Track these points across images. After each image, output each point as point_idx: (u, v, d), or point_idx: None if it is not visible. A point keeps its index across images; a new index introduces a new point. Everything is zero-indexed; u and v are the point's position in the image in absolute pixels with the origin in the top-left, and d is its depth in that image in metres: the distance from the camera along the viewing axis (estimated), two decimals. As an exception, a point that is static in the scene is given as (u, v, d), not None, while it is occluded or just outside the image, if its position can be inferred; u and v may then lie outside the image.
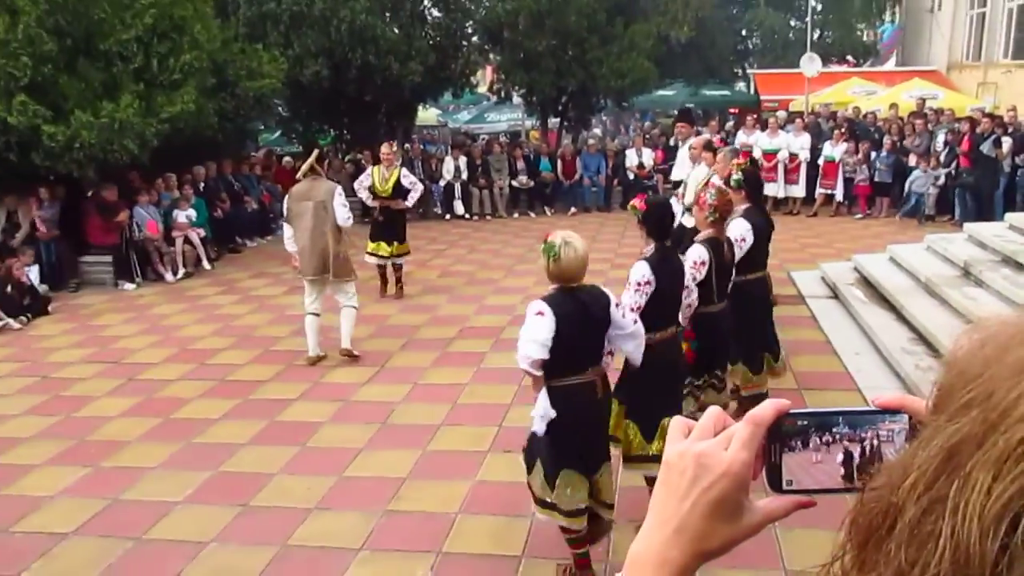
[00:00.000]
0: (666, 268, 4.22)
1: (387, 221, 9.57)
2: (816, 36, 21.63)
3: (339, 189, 7.49)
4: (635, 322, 3.87)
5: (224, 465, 5.49)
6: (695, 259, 4.72)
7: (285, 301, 9.91)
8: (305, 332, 7.55)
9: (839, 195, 14.69)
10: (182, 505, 4.99)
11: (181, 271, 11.63)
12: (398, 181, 9.49)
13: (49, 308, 9.94)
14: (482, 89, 24.90)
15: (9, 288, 9.60)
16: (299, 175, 7.57)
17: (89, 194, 11.31)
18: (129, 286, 11.06)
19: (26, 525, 4.85)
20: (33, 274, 10.34)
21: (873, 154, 14.33)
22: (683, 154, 8.54)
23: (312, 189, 7.34)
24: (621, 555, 4.09)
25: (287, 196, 7.60)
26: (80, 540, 4.65)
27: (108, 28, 10.36)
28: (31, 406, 6.79)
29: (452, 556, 4.28)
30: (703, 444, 0.74)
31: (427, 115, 25.22)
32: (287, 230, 7.52)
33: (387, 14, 15.76)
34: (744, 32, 27.43)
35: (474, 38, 17.57)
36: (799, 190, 14.96)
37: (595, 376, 3.76)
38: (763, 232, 5.60)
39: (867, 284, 8.85)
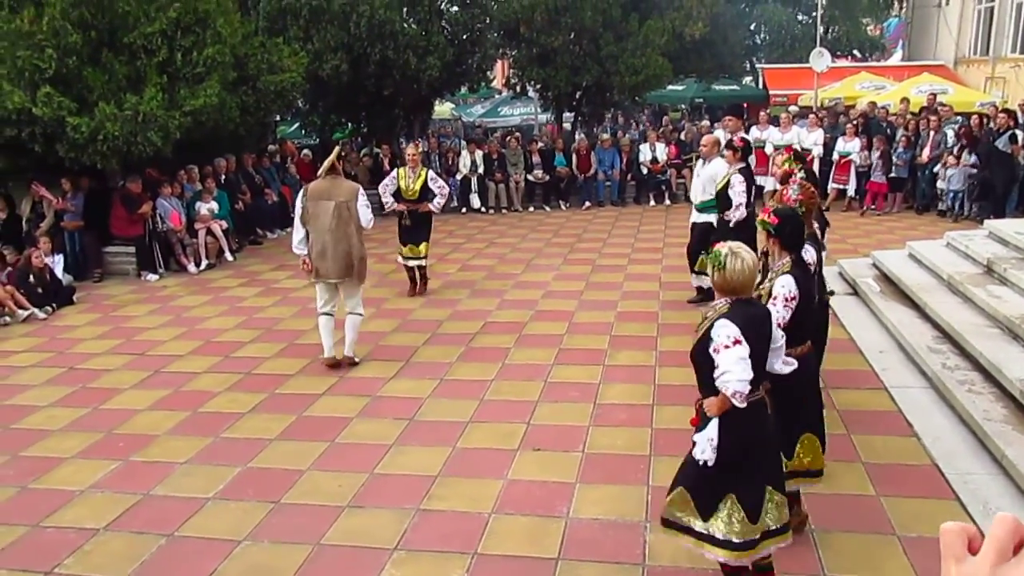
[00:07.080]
0: (806, 280, 4.14)
1: (415, 224, 9.43)
2: (823, 31, 21.62)
3: (362, 189, 7.19)
4: (782, 337, 3.76)
5: (254, 461, 5.45)
6: (810, 260, 4.53)
7: (308, 294, 9.83)
8: (320, 333, 7.24)
9: (851, 191, 14.61)
10: (213, 501, 4.93)
11: (204, 262, 11.64)
12: (425, 184, 9.29)
13: (74, 298, 9.96)
14: (495, 84, 24.94)
15: (31, 278, 9.63)
16: (320, 173, 7.20)
17: (119, 185, 11.30)
18: (152, 277, 11.08)
19: (58, 520, 4.79)
20: (58, 265, 10.36)
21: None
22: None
23: (333, 188, 7.00)
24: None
25: (302, 195, 7.14)
26: (113, 535, 4.59)
27: (132, 21, 10.39)
28: (58, 398, 6.77)
29: (487, 558, 4.24)
30: (1011, 571, 0.61)
31: (442, 109, 25.34)
32: (298, 231, 7.09)
33: (405, 9, 15.76)
34: (752, 27, 27.34)
35: (491, 33, 17.52)
36: None
37: (764, 392, 3.61)
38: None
39: (887, 281, 8.78)
